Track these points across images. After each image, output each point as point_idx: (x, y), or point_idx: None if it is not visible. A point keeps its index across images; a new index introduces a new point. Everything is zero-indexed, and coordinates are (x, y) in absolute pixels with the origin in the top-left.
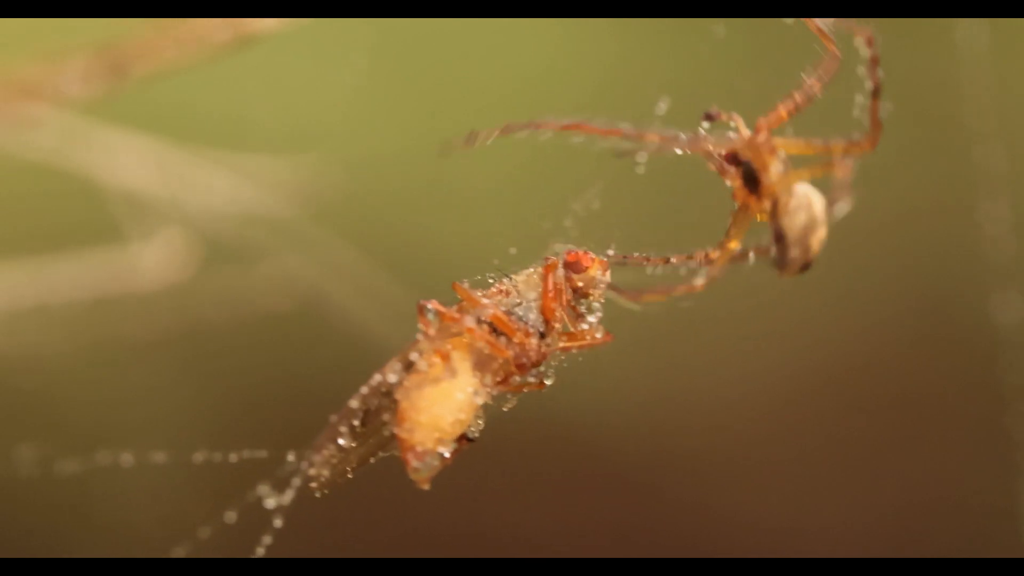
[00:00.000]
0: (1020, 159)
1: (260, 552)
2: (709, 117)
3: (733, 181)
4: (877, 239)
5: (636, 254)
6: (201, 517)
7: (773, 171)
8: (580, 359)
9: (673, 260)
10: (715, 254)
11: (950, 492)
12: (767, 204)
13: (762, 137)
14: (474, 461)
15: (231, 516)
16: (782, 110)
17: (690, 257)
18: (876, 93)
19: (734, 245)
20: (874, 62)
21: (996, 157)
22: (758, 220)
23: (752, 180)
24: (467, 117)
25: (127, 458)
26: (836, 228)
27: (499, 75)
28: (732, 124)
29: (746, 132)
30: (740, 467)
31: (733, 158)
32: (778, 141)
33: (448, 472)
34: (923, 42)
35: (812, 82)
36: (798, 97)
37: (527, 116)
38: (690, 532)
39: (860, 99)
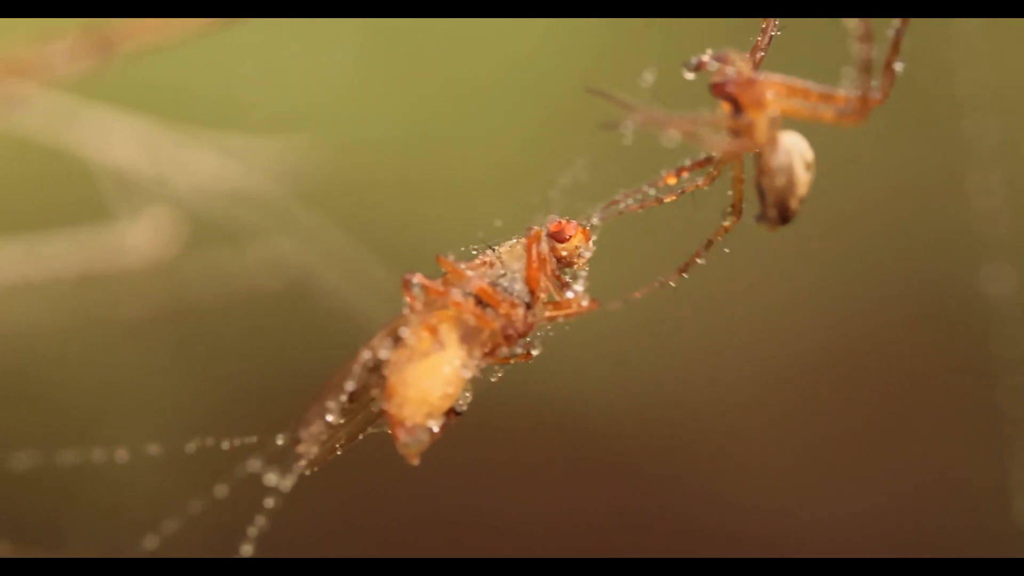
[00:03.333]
0: (1011, 132)
1: (253, 532)
2: (720, 59)
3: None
4: (868, 214)
5: (620, 206)
6: (191, 495)
7: (762, 122)
8: (580, 342)
9: (666, 199)
10: (704, 183)
11: (943, 469)
12: (751, 149)
13: (762, 85)
14: (476, 447)
15: (222, 490)
16: (798, 86)
17: (683, 191)
18: (896, 44)
19: (718, 175)
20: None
21: (987, 130)
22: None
23: (740, 127)
24: (458, 101)
25: (117, 453)
26: (827, 204)
27: (489, 58)
28: (738, 63)
29: (747, 72)
30: (738, 449)
31: (726, 94)
32: (782, 82)
33: (451, 459)
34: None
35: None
36: (813, 88)
37: (517, 100)
38: (691, 516)
39: (875, 54)
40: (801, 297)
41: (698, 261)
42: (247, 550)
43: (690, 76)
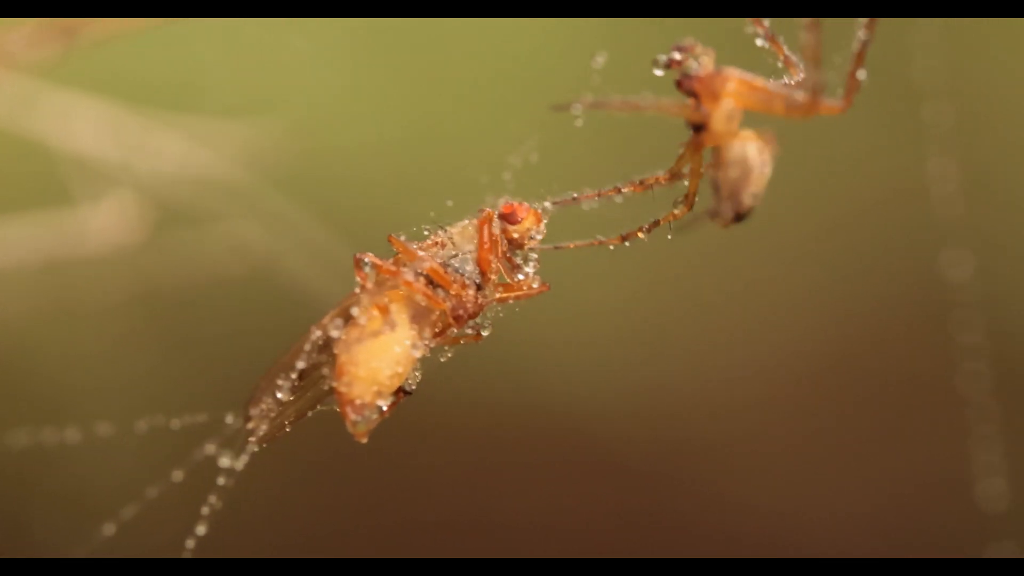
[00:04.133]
0: (968, 117)
1: (206, 511)
2: (681, 49)
3: (685, 113)
4: (822, 201)
5: (576, 195)
6: (154, 479)
7: (719, 115)
8: (579, 345)
9: (625, 190)
10: (664, 178)
11: (944, 468)
12: (709, 145)
13: (721, 79)
14: (474, 449)
15: (178, 475)
16: (758, 82)
17: (642, 184)
18: (861, 54)
19: (680, 172)
20: (870, 26)
21: (944, 115)
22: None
23: (700, 121)
24: (429, 85)
25: (71, 436)
26: (852, 221)
27: (460, 41)
28: (702, 58)
29: (709, 67)
30: (738, 451)
31: (688, 89)
32: (740, 77)
33: (449, 461)
34: None
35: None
36: (772, 85)
37: (489, 84)
38: (690, 516)
39: (837, 59)
40: (798, 298)
41: (640, 235)
42: (200, 530)
43: (659, 73)
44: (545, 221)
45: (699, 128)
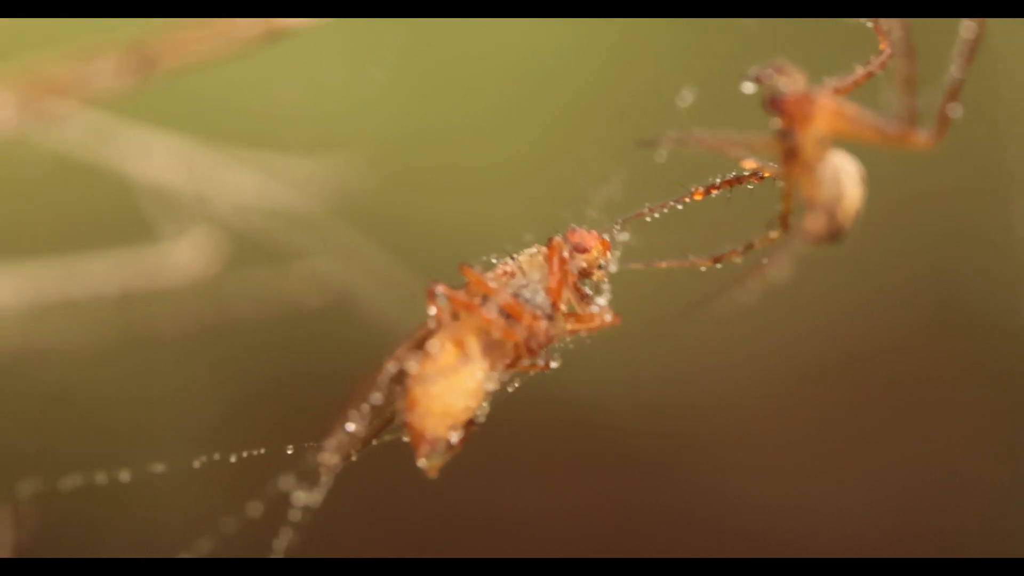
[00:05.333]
0: None
1: (281, 544)
2: (777, 70)
3: (775, 140)
4: (904, 234)
5: (644, 209)
6: (225, 511)
7: (808, 141)
8: (587, 341)
9: (689, 198)
10: (757, 179)
11: (952, 469)
12: (800, 167)
13: (811, 102)
14: (481, 444)
15: (256, 507)
16: (848, 109)
17: (739, 179)
18: (955, 89)
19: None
20: (972, 48)
21: None
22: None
23: (790, 144)
24: (494, 113)
25: (147, 470)
26: (867, 221)
27: (521, 69)
28: (794, 78)
29: (802, 86)
30: (745, 447)
31: (778, 109)
32: (831, 103)
33: (458, 457)
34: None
35: (865, 71)
36: (863, 113)
37: (546, 107)
38: (695, 511)
39: (928, 92)
40: (818, 300)
41: (735, 259)
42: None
43: (749, 87)
44: (615, 252)
45: (789, 153)
